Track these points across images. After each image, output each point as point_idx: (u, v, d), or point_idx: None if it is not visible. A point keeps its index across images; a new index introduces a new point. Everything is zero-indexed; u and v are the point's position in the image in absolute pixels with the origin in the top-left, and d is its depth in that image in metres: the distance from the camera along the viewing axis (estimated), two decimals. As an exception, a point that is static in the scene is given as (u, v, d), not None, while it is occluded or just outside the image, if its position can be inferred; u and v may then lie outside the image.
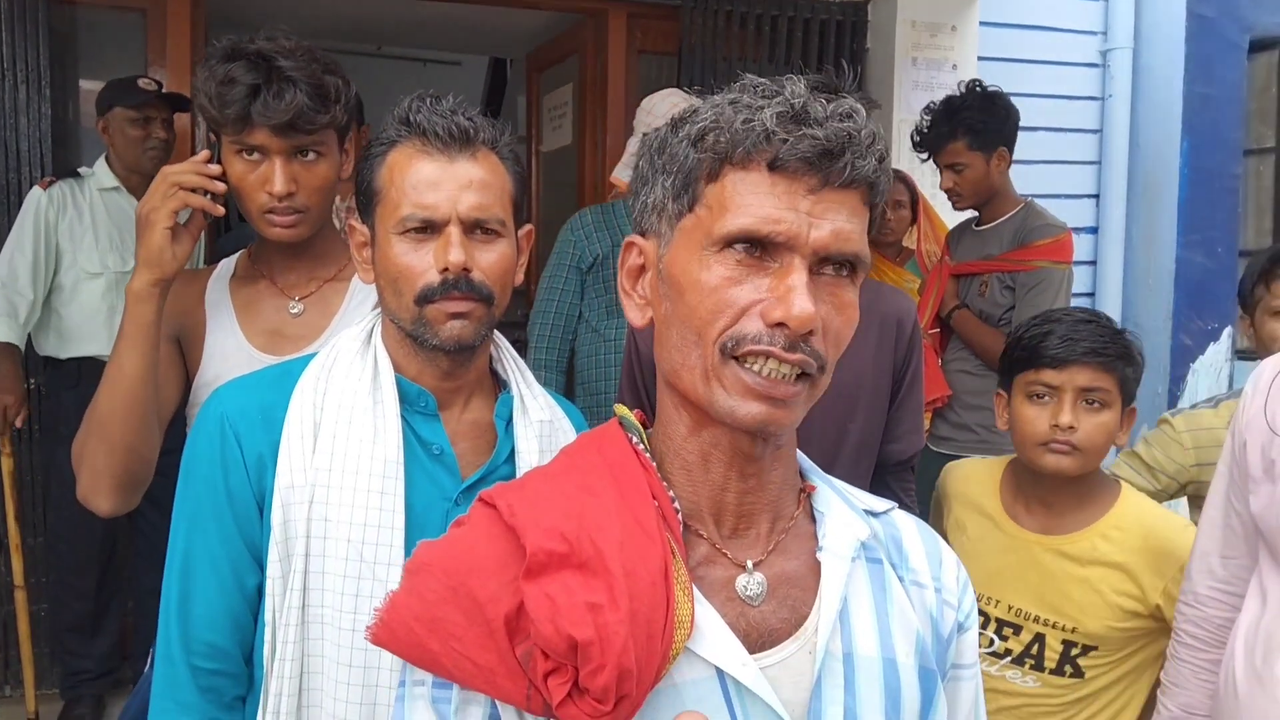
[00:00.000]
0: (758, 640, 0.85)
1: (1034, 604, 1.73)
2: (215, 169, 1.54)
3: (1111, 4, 4.47)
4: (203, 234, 1.60)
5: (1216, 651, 1.49)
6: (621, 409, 0.94)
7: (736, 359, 0.81)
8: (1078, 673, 1.70)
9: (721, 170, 0.83)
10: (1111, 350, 1.67)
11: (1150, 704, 1.69)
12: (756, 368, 0.81)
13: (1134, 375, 1.71)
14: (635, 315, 0.91)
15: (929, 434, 3.05)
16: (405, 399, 1.26)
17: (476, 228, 1.23)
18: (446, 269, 1.20)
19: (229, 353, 1.60)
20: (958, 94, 2.97)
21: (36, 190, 3.07)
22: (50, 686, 3.32)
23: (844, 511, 0.92)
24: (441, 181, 1.21)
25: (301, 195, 1.55)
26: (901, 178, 3.70)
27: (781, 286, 0.80)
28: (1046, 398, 1.70)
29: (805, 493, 0.94)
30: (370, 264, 1.29)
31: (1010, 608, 1.75)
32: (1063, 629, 1.70)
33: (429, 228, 1.22)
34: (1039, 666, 1.73)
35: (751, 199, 0.81)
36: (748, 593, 0.86)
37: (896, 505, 1.00)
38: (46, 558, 3.29)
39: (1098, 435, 1.68)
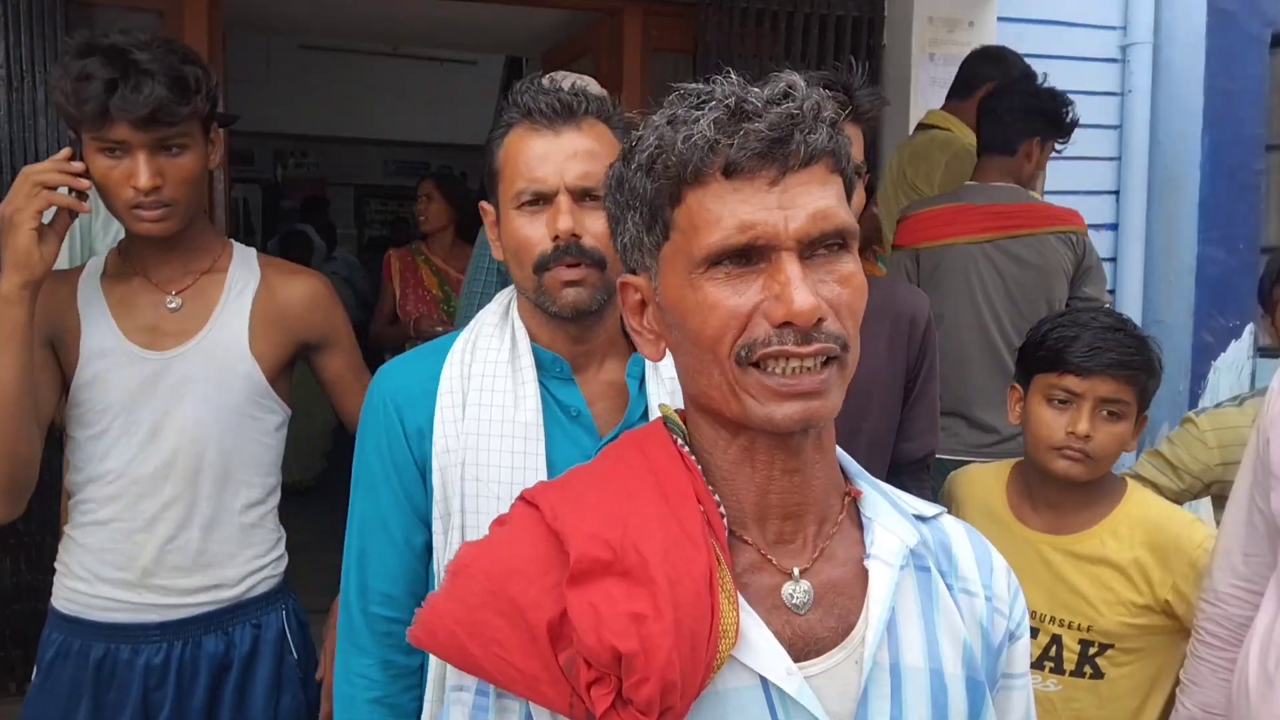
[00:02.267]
0: (803, 649, 0.84)
1: (1048, 604, 1.72)
2: (78, 166, 1.53)
3: (1131, -2, 4.44)
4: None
5: (1236, 650, 1.48)
6: (666, 408, 0.93)
7: (755, 365, 0.79)
8: (1097, 673, 1.69)
9: (680, 192, 0.81)
10: (1136, 363, 1.66)
11: (1171, 706, 1.68)
12: (777, 369, 0.79)
13: (1153, 387, 1.71)
14: (649, 350, 0.90)
15: None
16: (542, 365, 1.35)
17: (586, 196, 1.29)
18: (558, 236, 1.27)
19: (107, 350, 1.60)
20: None
21: None
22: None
23: (892, 517, 0.90)
24: (549, 154, 1.28)
25: (168, 189, 1.54)
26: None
27: (776, 284, 0.78)
28: (1066, 403, 1.69)
29: (850, 496, 0.92)
30: (500, 241, 1.37)
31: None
32: (1078, 628, 1.69)
33: (541, 199, 1.29)
34: (1059, 669, 1.71)
35: (719, 211, 0.79)
36: (794, 600, 0.85)
37: (945, 511, 0.98)
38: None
39: (1112, 445, 1.69)
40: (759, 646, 0.81)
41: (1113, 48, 4.48)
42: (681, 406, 1.25)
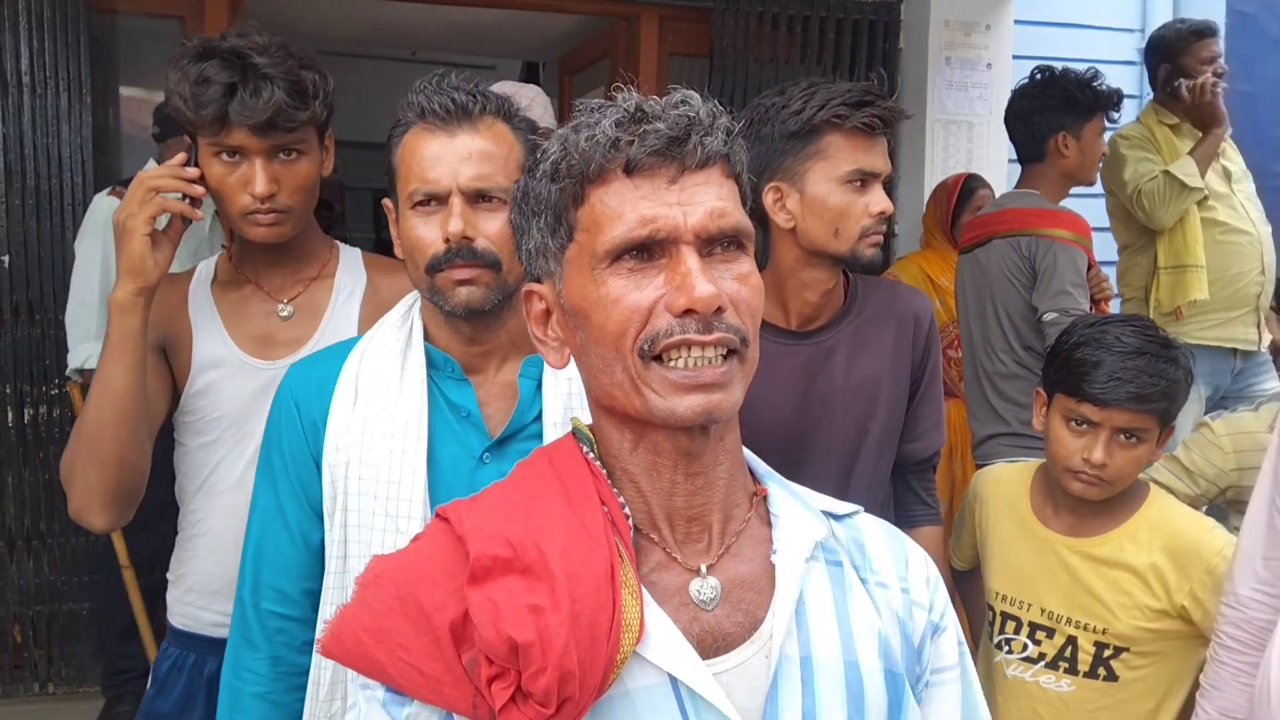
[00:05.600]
0: (712, 645, 0.84)
1: (1064, 606, 1.72)
2: (193, 172, 1.50)
3: (1149, 1, 4.41)
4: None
5: (1257, 654, 1.47)
6: (577, 421, 0.95)
7: (658, 359, 0.81)
8: (1111, 675, 1.69)
9: (584, 192, 0.84)
10: (1155, 395, 1.63)
11: (1185, 712, 1.67)
12: (679, 362, 0.81)
13: (1177, 406, 1.68)
14: (554, 358, 0.92)
15: None
16: (434, 365, 1.34)
17: (480, 197, 1.27)
18: (449, 239, 1.26)
19: (220, 359, 1.58)
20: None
21: (104, 198, 2.99)
22: (92, 684, 3.37)
23: (799, 513, 0.91)
24: (442, 156, 1.27)
25: (284, 195, 1.52)
26: (984, 182, 3.69)
27: (678, 275, 0.81)
28: (1084, 426, 1.67)
29: (759, 495, 0.93)
30: (399, 240, 1.36)
31: (1042, 610, 1.74)
32: (1094, 630, 1.69)
33: (434, 200, 1.28)
34: (1073, 670, 1.71)
35: (621, 207, 0.82)
36: (701, 597, 0.86)
37: (861, 510, 0.99)
38: (88, 557, 3.33)
39: (1129, 468, 1.68)
40: (665, 643, 0.81)
41: (1130, 50, 4.46)
42: (585, 409, 1.24)
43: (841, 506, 0.97)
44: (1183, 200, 3.16)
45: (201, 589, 1.63)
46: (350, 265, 1.69)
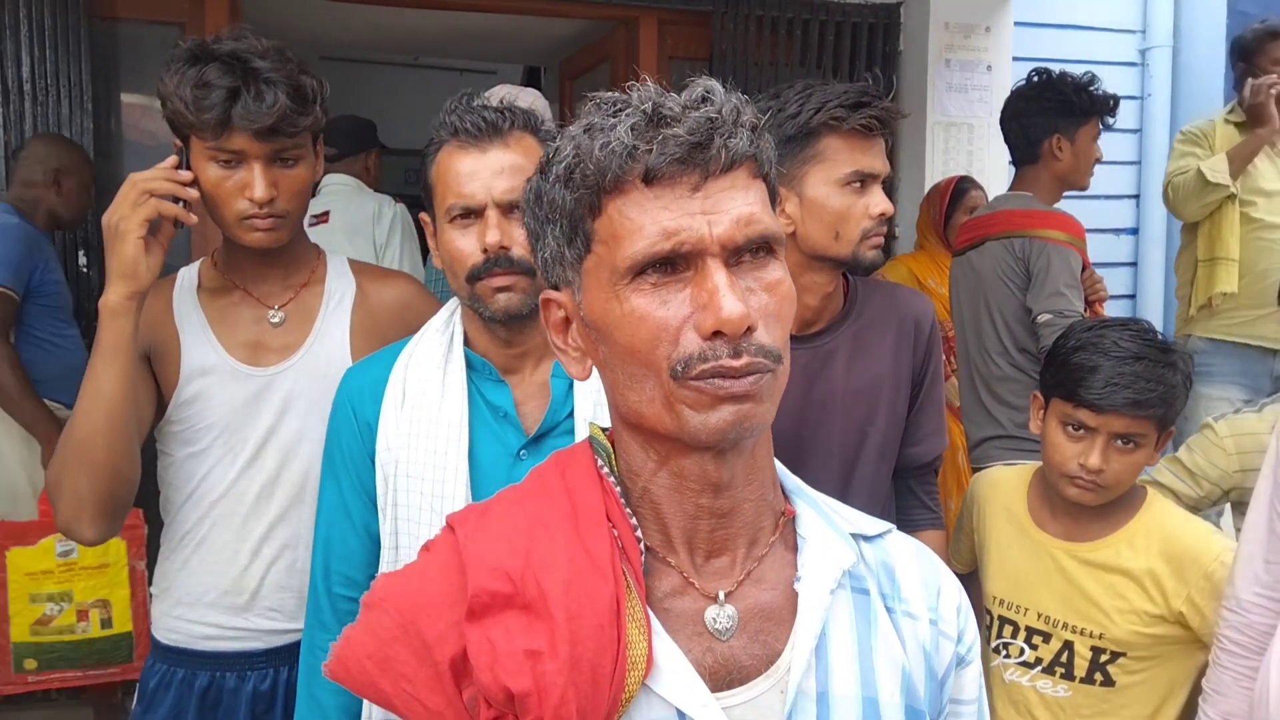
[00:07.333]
0: (726, 677, 0.81)
1: (1061, 610, 1.71)
2: (187, 175, 1.48)
3: (1150, 2, 4.41)
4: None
5: (1259, 659, 1.47)
6: (594, 428, 0.91)
7: (692, 379, 0.77)
8: (1108, 681, 1.68)
9: (601, 203, 0.78)
10: (1153, 400, 1.62)
11: (1183, 717, 1.67)
12: (713, 383, 0.76)
13: (1176, 411, 1.67)
14: (576, 369, 0.87)
15: None
16: (473, 368, 1.43)
17: (513, 208, 1.34)
18: (486, 249, 1.34)
19: (210, 367, 1.57)
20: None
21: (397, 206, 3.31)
22: (94, 691, 3.37)
23: (827, 537, 0.87)
24: (476, 171, 1.35)
25: (281, 200, 1.51)
26: (976, 183, 3.69)
27: (704, 293, 0.75)
28: (1081, 431, 1.67)
29: (787, 515, 0.89)
30: (438, 251, 1.44)
31: (1039, 615, 1.73)
32: (1090, 635, 1.69)
33: (470, 214, 1.36)
34: (1069, 675, 1.71)
35: (641, 220, 0.76)
36: (717, 626, 0.82)
37: (893, 528, 0.95)
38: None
39: (1126, 474, 1.67)
40: (675, 676, 0.78)
41: (1132, 51, 4.47)
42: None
43: (873, 525, 0.93)
44: (1204, 196, 3.18)
45: (193, 601, 1.61)
46: (339, 272, 1.69)
